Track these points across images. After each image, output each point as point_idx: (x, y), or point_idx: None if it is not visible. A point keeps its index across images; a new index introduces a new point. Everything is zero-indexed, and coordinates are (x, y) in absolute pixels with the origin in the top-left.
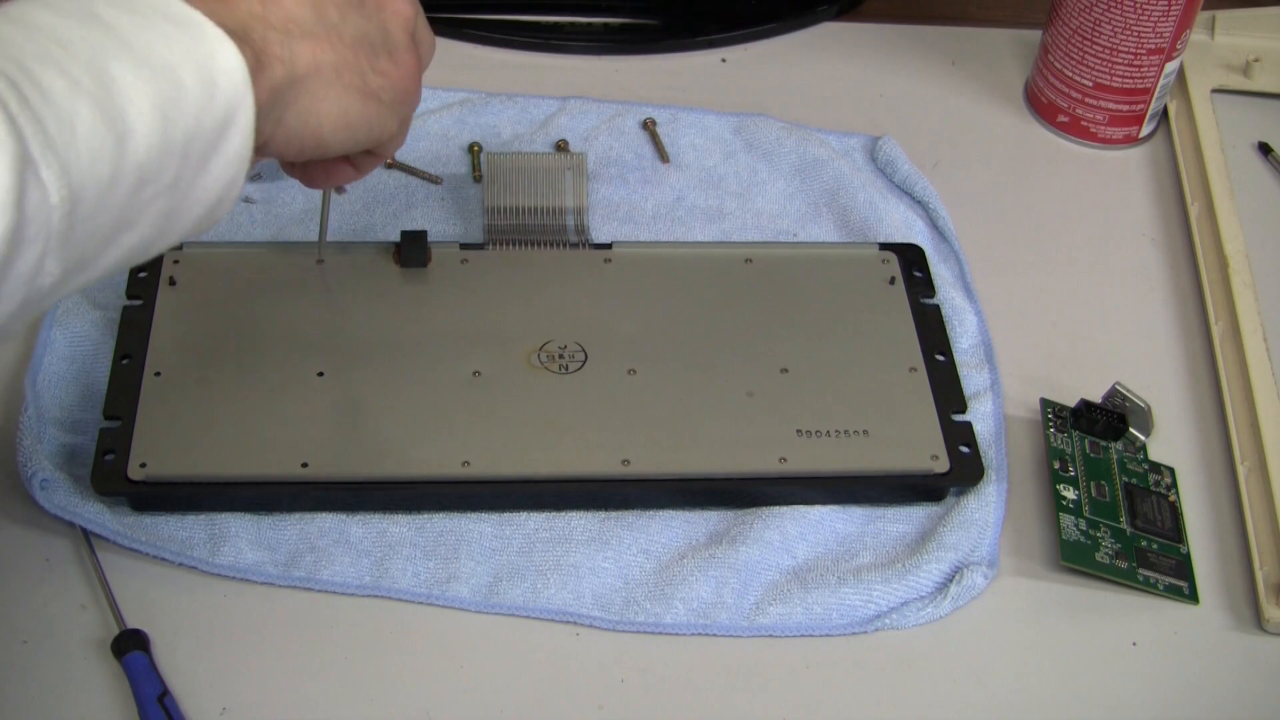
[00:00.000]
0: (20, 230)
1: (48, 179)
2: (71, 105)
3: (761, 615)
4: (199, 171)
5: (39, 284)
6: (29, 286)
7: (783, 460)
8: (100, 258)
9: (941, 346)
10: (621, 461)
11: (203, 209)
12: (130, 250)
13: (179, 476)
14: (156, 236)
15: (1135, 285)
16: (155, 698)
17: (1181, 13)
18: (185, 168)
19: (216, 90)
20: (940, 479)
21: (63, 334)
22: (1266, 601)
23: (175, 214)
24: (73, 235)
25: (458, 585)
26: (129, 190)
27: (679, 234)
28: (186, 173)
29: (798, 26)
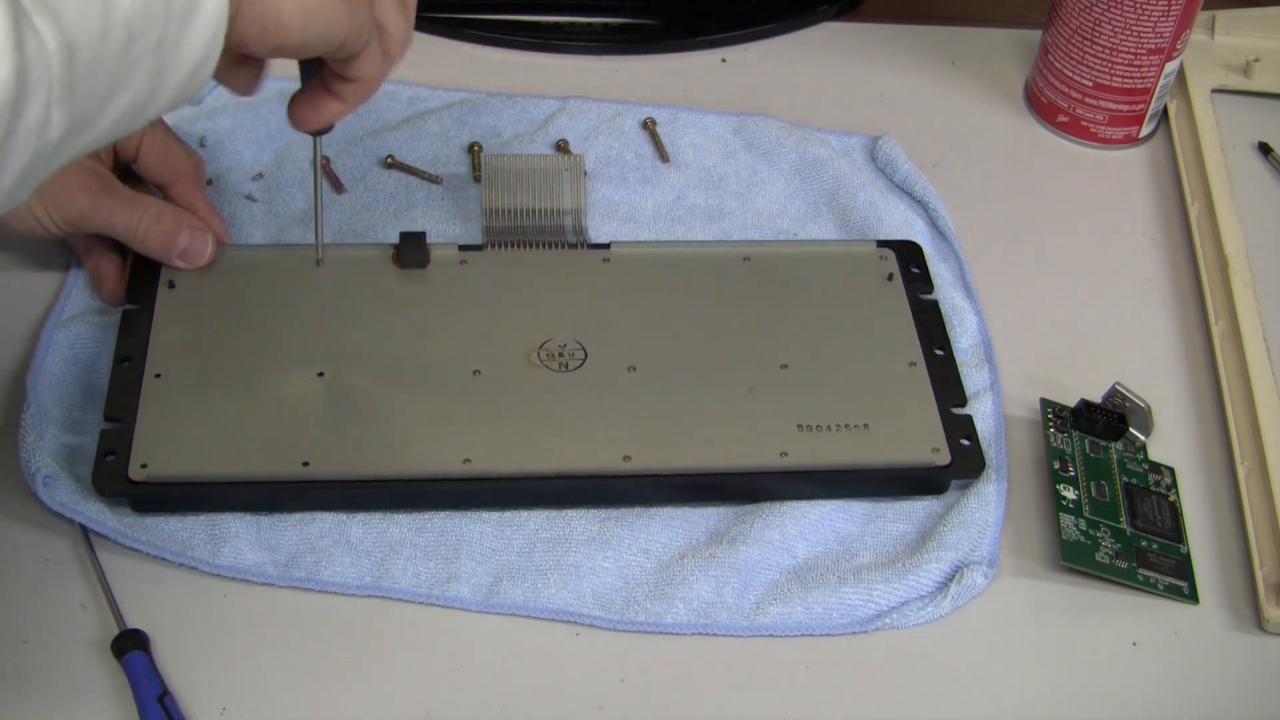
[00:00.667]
0: (23, 76)
1: (42, 27)
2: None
3: (762, 615)
4: (181, 30)
5: (48, 136)
6: (39, 138)
7: (784, 455)
8: (100, 116)
9: (941, 341)
10: (623, 458)
11: (188, 69)
12: (125, 110)
13: (180, 477)
14: (148, 98)
15: (1135, 285)
16: (155, 698)
17: (1181, 13)
18: (169, 26)
19: None
20: (941, 471)
21: (64, 336)
22: (1266, 601)
23: (163, 73)
24: (73, 87)
25: (458, 585)
26: (119, 46)
27: (679, 234)
28: (170, 31)
29: (798, 26)
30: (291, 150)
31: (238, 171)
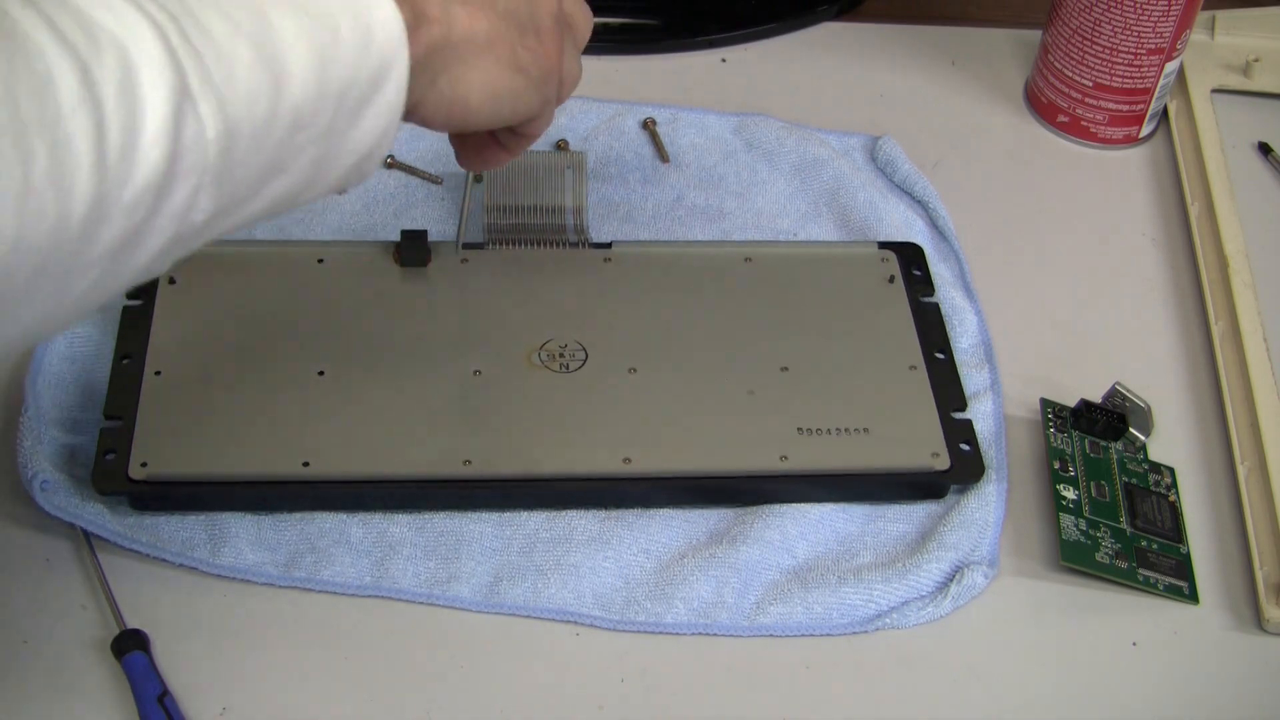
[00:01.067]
0: (176, 163)
1: (205, 113)
2: (231, 45)
3: (762, 615)
4: (352, 121)
5: (191, 220)
6: (181, 222)
7: (783, 458)
8: (251, 200)
9: (941, 345)
10: (623, 460)
11: (352, 160)
12: (279, 196)
13: (180, 475)
14: (305, 185)
15: (1135, 285)
16: (155, 698)
17: (1181, 13)
18: (339, 116)
19: (372, 41)
20: (941, 476)
21: (62, 335)
22: (1266, 601)
23: (326, 162)
24: (227, 173)
25: (458, 585)
26: (284, 133)
27: (679, 234)
28: (340, 121)
29: (798, 26)
30: None
31: None
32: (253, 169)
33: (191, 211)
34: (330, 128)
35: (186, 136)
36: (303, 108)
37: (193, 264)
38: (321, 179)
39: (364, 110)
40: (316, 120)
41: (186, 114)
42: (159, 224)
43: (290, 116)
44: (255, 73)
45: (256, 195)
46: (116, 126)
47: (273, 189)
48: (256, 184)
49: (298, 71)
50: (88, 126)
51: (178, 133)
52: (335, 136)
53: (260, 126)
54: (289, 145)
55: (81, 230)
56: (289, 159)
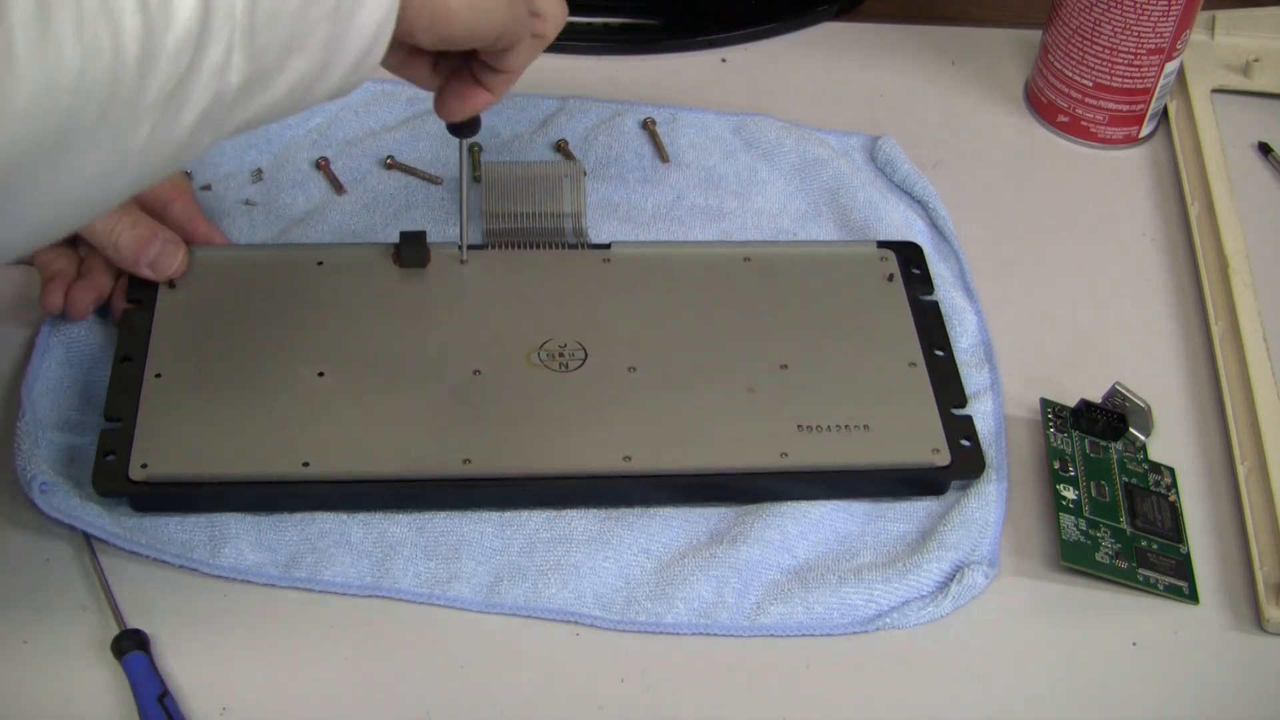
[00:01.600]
0: (209, 13)
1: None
2: None
3: (762, 615)
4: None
5: (228, 80)
6: (219, 80)
7: (784, 455)
8: (278, 76)
9: (940, 342)
10: (623, 458)
11: (361, 44)
12: (300, 75)
13: (180, 476)
14: (321, 69)
15: (1135, 285)
16: (155, 698)
17: (1181, 13)
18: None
19: None
20: (941, 472)
21: (59, 340)
22: (1266, 601)
23: (338, 43)
24: (254, 34)
25: (458, 585)
26: (299, 3)
27: (678, 234)
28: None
29: (798, 26)
30: (290, 152)
31: (238, 176)
32: (276, 37)
33: (227, 71)
34: (338, 4)
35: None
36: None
37: (193, 267)
38: (333, 65)
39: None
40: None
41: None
42: (201, 79)
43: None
44: None
45: (281, 71)
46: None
47: (294, 66)
48: (281, 56)
49: None
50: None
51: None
52: (343, 14)
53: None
54: (305, 17)
55: (136, 68)
56: (305, 34)
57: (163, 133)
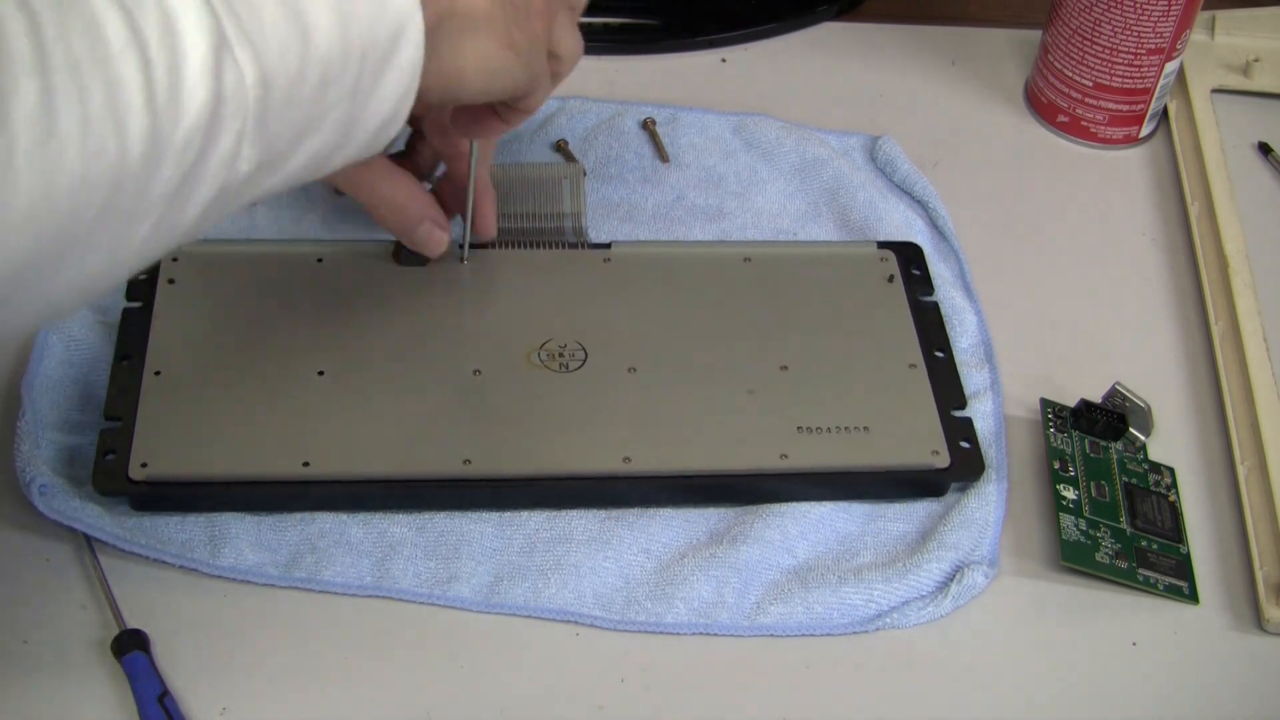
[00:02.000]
0: (219, 106)
1: (242, 59)
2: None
3: (762, 615)
4: (375, 80)
5: (237, 169)
6: (228, 170)
7: (784, 457)
8: (289, 158)
9: (940, 343)
10: (623, 459)
11: (377, 121)
12: (313, 155)
13: (180, 476)
14: (335, 146)
15: (1135, 285)
16: (155, 698)
17: (1181, 13)
18: (363, 74)
19: (387, 3)
20: (941, 474)
21: (59, 339)
22: (1266, 601)
23: (354, 123)
24: (266, 123)
25: (458, 585)
26: (315, 88)
27: (678, 234)
28: (365, 80)
29: (798, 26)
30: None
31: None
32: (289, 123)
33: (237, 161)
34: (356, 86)
35: (227, 81)
36: (329, 62)
37: (192, 264)
38: (349, 140)
39: (385, 70)
40: (343, 77)
41: (225, 59)
42: (208, 171)
43: (319, 71)
44: (283, 25)
45: (293, 153)
46: (162, 67)
47: (307, 147)
48: (293, 140)
49: (322, 26)
50: (136, 66)
51: (219, 77)
52: (361, 96)
53: (293, 78)
54: (320, 101)
55: (141, 168)
56: (320, 117)
57: (167, 225)
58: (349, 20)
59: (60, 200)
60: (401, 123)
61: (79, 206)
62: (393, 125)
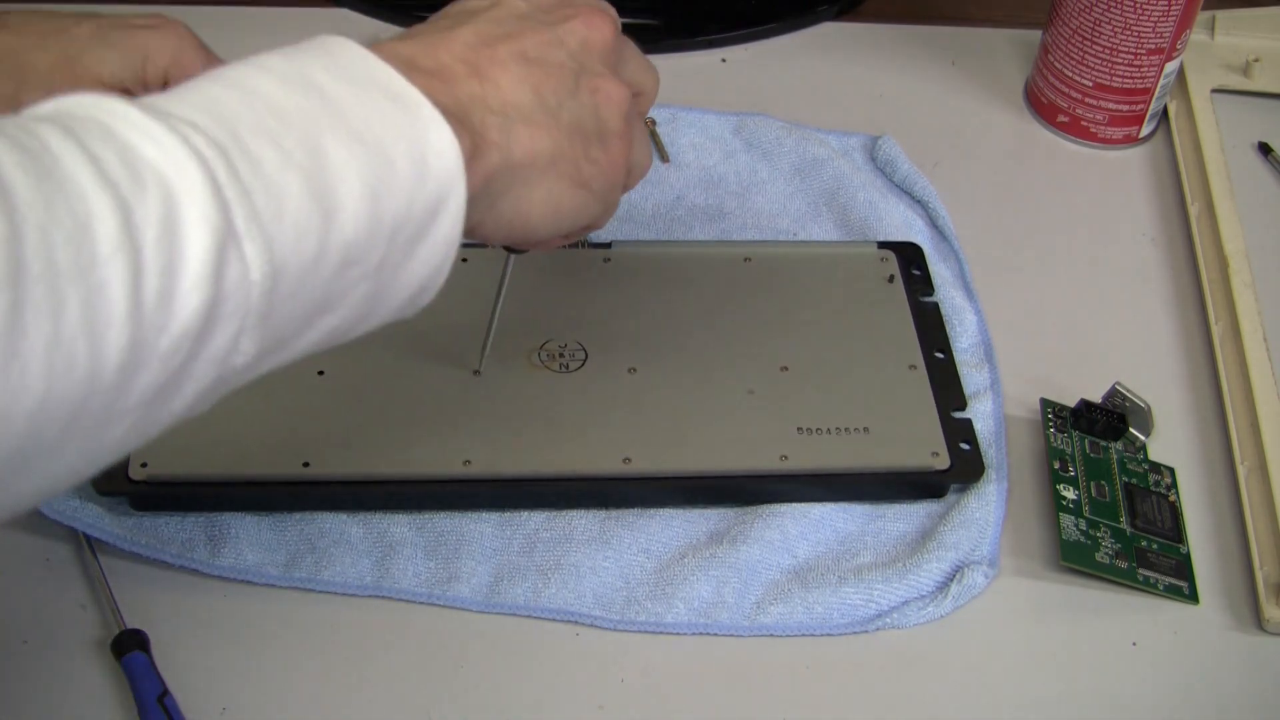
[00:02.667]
0: (217, 307)
1: (250, 254)
2: (282, 179)
3: (762, 615)
4: (406, 255)
5: (232, 363)
6: (222, 365)
7: (783, 458)
8: (297, 339)
9: (941, 344)
10: (622, 460)
11: (407, 294)
12: (329, 333)
13: (180, 476)
14: (357, 320)
15: (1135, 285)
16: (155, 698)
17: (1181, 13)
18: (392, 251)
19: (428, 173)
20: (941, 475)
21: None
22: (1266, 601)
23: (378, 298)
24: (271, 314)
25: (458, 585)
26: (333, 270)
27: (679, 233)
28: (393, 256)
29: (798, 26)
30: None
31: None
32: (300, 308)
33: (233, 355)
34: (383, 263)
35: (229, 280)
36: (354, 243)
37: None
38: (373, 313)
39: (418, 245)
40: (368, 256)
41: (230, 255)
42: (198, 370)
43: (340, 253)
44: (305, 207)
45: (303, 334)
46: (155, 271)
47: (321, 327)
48: (303, 323)
49: (350, 205)
50: (124, 272)
51: (219, 276)
52: (388, 271)
53: (308, 264)
54: (339, 282)
55: (115, 380)
56: (339, 296)
57: (145, 425)
58: (382, 197)
59: (18, 421)
60: (434, 293)
61: (40, 425)
62: (426, 294)
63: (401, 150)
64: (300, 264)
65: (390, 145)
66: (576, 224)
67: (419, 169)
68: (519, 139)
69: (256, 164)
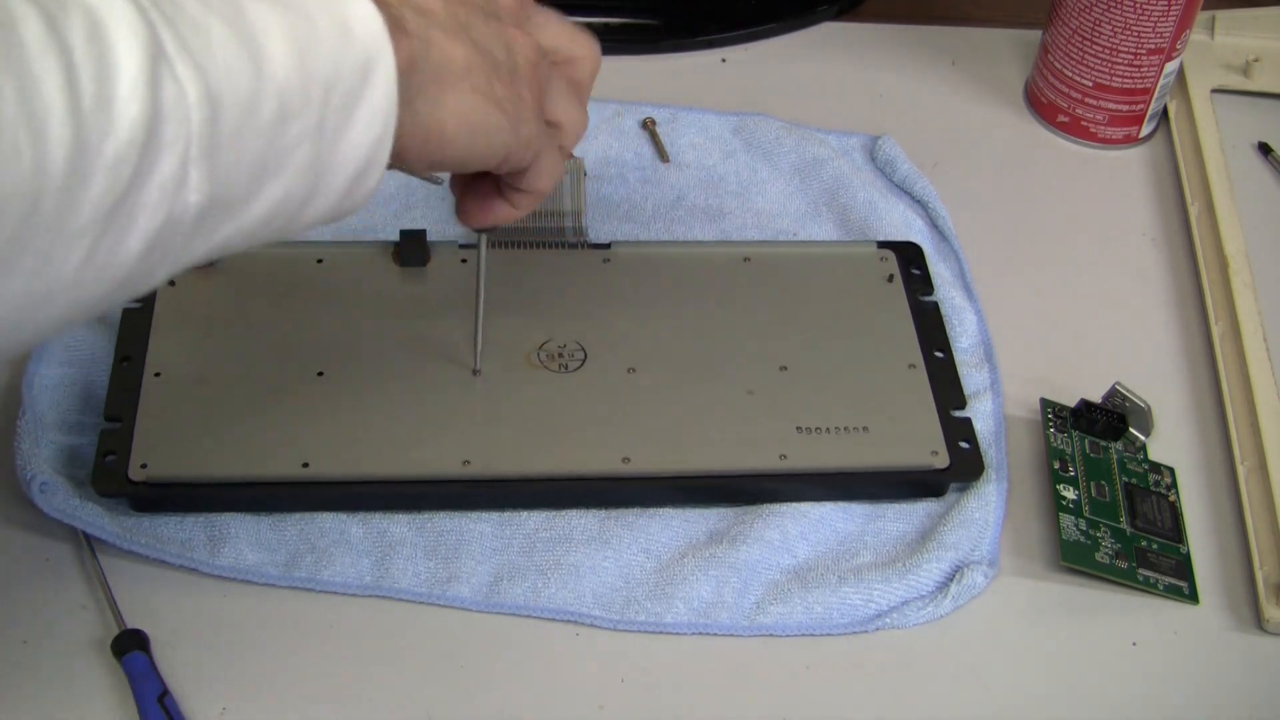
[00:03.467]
0: (158, 123)
1: (184, 75)
2: (204, 18)
3: (762, 615)
4: (344, 120)
5: (184, 198)
6: (173, 199)
7: (783, 457)
8: (250, 200)
9: (940, 343)
10: (622, 460)
11: (351, 170)
12: (278, 203)
13: (180, 477)
14: (305, 196)
15: (1135, 285)
16: (155, 698)
17: (1181, 13)
18: (328, 112)
19: (353, 36)
20: (940, 474)
21: (59, 340)
22: (1266, 601)
23: (322, 169)
24: (216, 149)
25: (458, 585)
26: (271, 119)
27: (679, 234)
28: (330, 118)
29: (798, 26)
30: None
31: None
32: (245, 155)
33: (183, 189)
34: (321, 124)
35: (166, 96)
36: (288, 92)
37: None
38: (320, 193)
39: (355, 109)
40: (305, 112)
41: (163, 73)
42: (149, 196)
43: (276, 100)
44: (232, 47)
45: (254, 195)
46: (88, 75)
47: (270, 192)
48: (251, 180)
49: (277, 55)
50: (56, 70)
51: (155, 91)
52: (328, 136)
53: (244, 103)
54: (280, 137)
55: (63, 182)
56: (282, 155)
57: (103, 257)
58: (308, 52)
59: None
60: (379, 175)
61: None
62: (369, 176)
63: (323, 14)
64: (236, 99)
65: (310, 8)
66: (491, 147)
67: (343, 31)
68: (435, 39)
69: (177, 4)
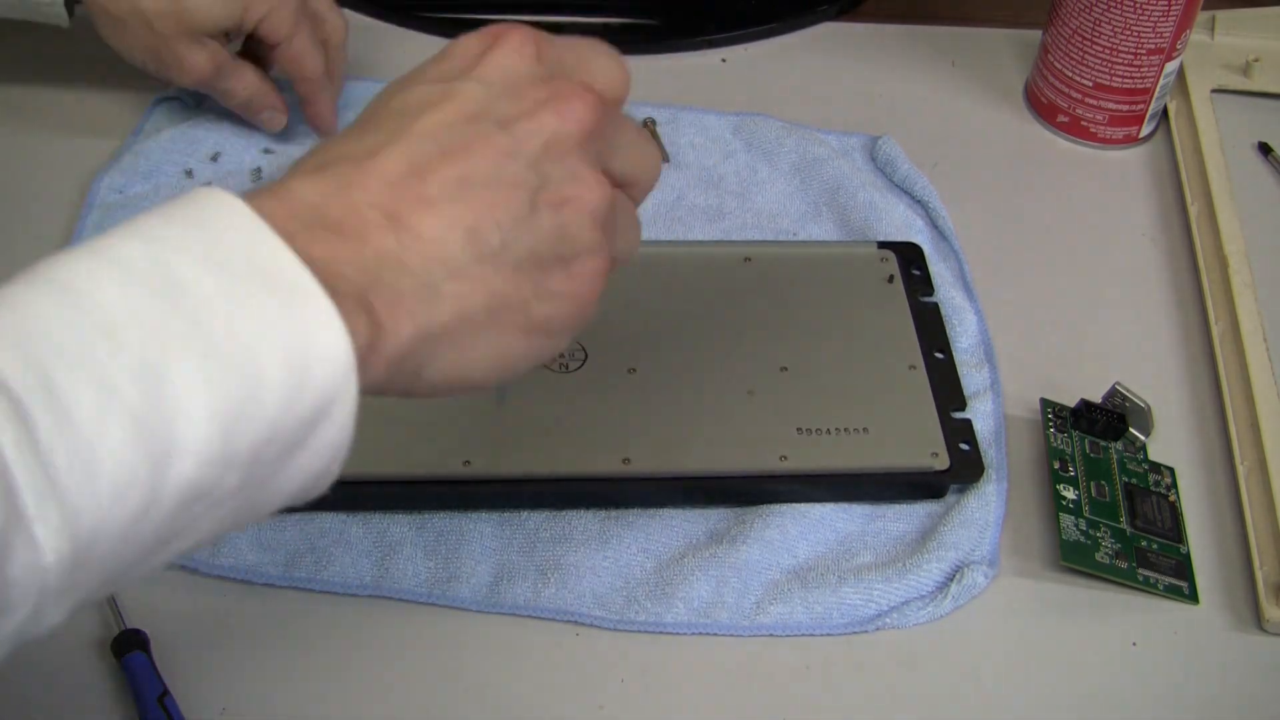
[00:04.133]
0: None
1: (42, 536)
2: (96, 430)
3: (762, 615)
4: (275, 471)
5: (40, 628)
6: (21, 636)
7: (783, 458)
8: (134, 573)
9: (940, 344)
10: (622, 460)
11: (282, 500)
12: (183, 552)
13: None
14: (221, 532)
15: (1135, 285)
16: (155, 698)
17: (1181, 13)
18: (254, 473)
19: (308, 382)
20: (940, 476)
21: None
22: (1266, 601)
23: (245, 511)
24: (81, 580)
25: (458, 585)
26: (169, 512)
27: (679, 233)
28: (256, 475)
29: (798, 26)
30: (291, 151)
31: (237, 175)
32: (127, 558)
33: (34, 628)
34: (242, 485)
35: (15, 568)
36: (198, 481)
37: None
38: (241, 523)
39: (293, 456)
40: (220, 486)
41: (14, 544)
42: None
43: (177, 496)
44: (128, 459)
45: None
46: None
47: (166, 554)
48: (138, 561)
49: (193, 443)
50: None
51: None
52: (250, 489)
53: (131, 521)
54: (181, 517)
55: None
56: (183, 528)
57: None
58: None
59: None
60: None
61: None
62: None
63: (277, 360)
64: (119, 525)
65: (262, 355)
66: (533, 366)
67: (297, 378)
68: (444, 301)
69: (65, 415)
